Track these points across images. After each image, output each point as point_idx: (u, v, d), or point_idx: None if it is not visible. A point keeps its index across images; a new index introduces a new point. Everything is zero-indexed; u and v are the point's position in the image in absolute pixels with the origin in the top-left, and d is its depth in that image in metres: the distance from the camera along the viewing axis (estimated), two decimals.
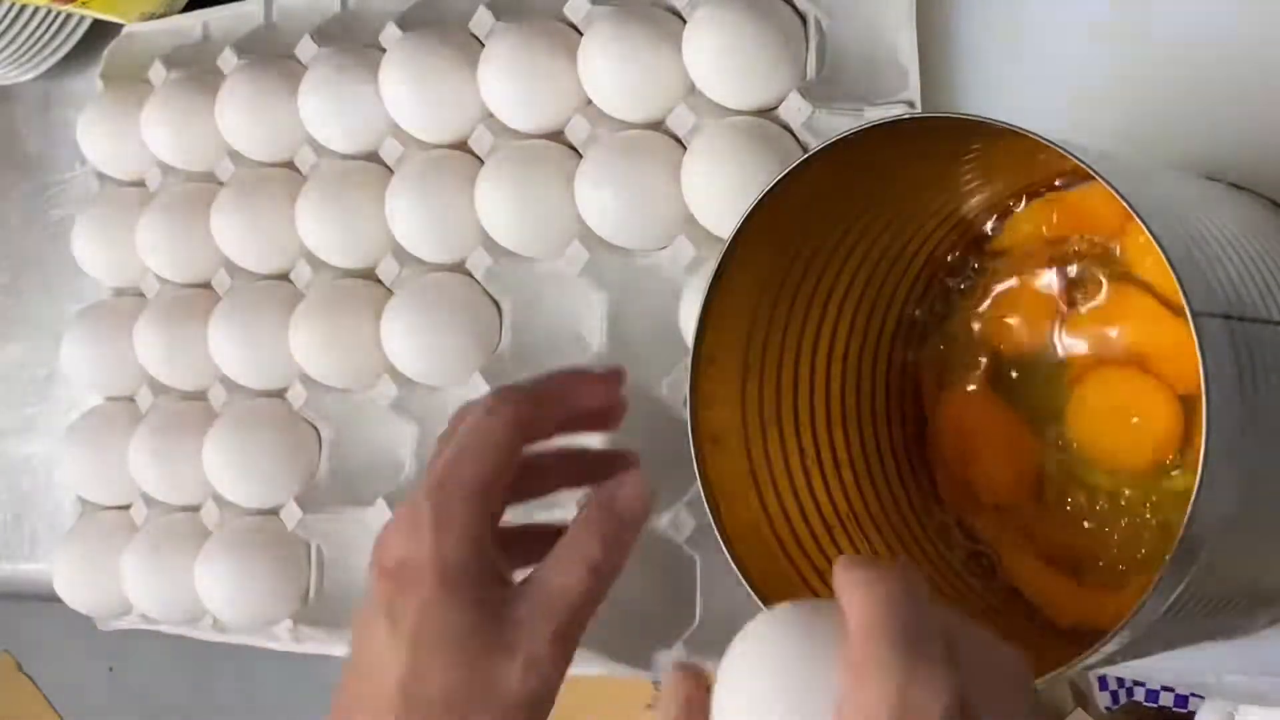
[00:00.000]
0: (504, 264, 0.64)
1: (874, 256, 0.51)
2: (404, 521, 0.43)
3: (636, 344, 0.62)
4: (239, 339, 0.70)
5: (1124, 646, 0.39)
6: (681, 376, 0.47)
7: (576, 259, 0.62)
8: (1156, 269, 0.44)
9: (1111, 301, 0.48)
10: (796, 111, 0.57)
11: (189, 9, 0.79)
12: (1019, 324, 0.50)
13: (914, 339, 0.53)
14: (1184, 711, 0.83)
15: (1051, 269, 0.49)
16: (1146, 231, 0.37)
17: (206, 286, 0.74)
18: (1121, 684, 0.87)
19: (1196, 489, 0.37)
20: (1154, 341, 0.46)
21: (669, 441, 0.56)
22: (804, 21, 0.59)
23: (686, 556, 0.58)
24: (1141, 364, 0.47)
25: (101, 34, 0.82)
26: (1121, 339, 0.47)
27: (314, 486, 0.69)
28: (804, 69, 0.58)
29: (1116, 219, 0.47)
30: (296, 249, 0.70)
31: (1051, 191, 0.50)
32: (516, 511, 0.47)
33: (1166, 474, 0.46)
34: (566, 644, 0.44)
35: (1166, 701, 0.84)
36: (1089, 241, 0.49)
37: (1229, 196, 0.49)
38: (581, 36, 0.62)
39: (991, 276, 0.51)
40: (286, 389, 0.70)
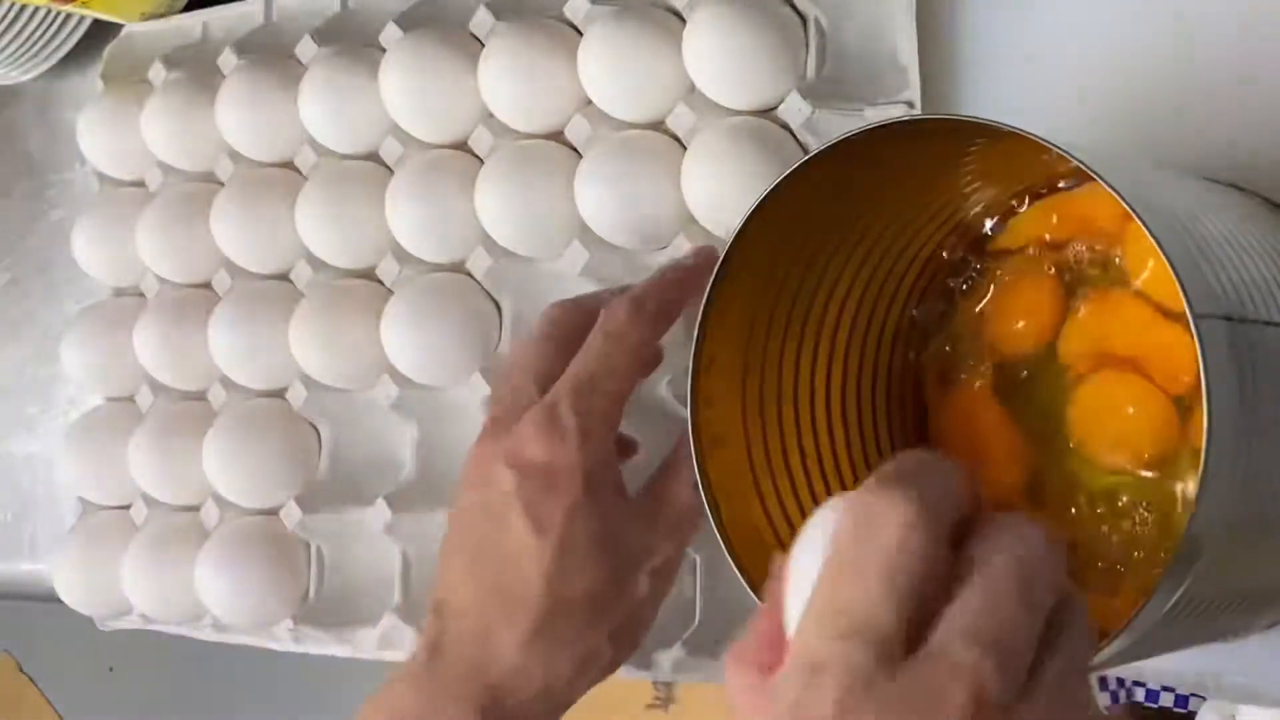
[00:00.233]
0: (504, 264, 0.64)
1: (874, 256, 0.51)
2: (543, 424, 0.45)
3: None
4: (239, 339, 0.70)
5: (1125, 648, 0.39)
6: (681, 376, 0.47)
7: (576, 259, 0.62)
8: (1157, 270, 0.44)
9: (1108, 306, 0.48)
10: (797, 112, 0.57)
11: (189, 9, 0.79)
12: (1019, 325, 0.50)
13: (915, 339, 0.53)
14: (1184, 712, 0.83)
15: (1052, 271, 0.49)
16: (1146, 232, 0.37)
17: (206, 286, 0.74)
18: (1121, 684, 0.87)
19: (1197, 490, 0.37)
20: (1148, 346, 0.46)
21: (669, 441, 0.56)
22: (804, 21, 0.59)
23: (687, 557, 0.58)
24: (1136, 367, 0.47)
25: (101, 34, 0.82)
26: (1117, 343, 0.47)
27: (314, 486, 0.69)
28: (804, 69, 0.58)
29: (1117, 220, 0.47)
30: (296, 249, 0.70)
31: (1052, 192, 0.50)
32: None
33: (1164, 476, 0.46)
34: (682, 555, 0.48)
35: (1167, 702, 0.84)
36: (1089, 244, 0.49)
37: (1229, 197, 0.49)
38: (581, 36, 0.62)
39: (992, 277, 0.51)
40: (286, 389, 0.70)
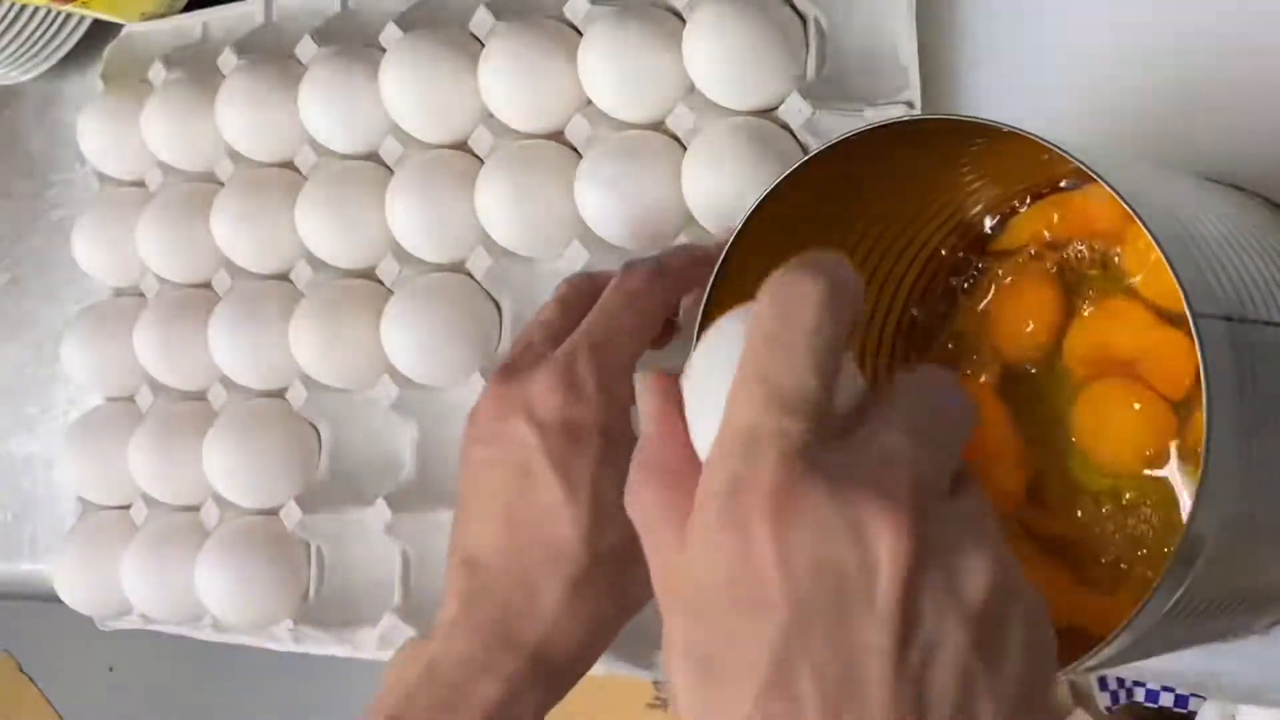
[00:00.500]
0: (504, 264, 0.64)
1: (875, 256, 0.51)
2: (560, 380, 0.44)
3: None
4: (239, 339, 0.70)
5: (1126, 648, 0.39)
6: None
7: (576, 259, 0.62)
8: (1157, 270, 0.44)
9: (1108, 306, 0.48)
10: (796, 112, 0.57)
11: (189, 9, 0.79)
12: (1021, 327, 0.50)
13: (916, 338, 0.53)
14: (1184, 712, 0.83)
15: (1053, 271, 0.49)
16: (1146, 232, 0.37)
17: (206, 286, 0.74)
18: (1121, 684, 0.87)
19: (1197, 489, 0.37)
20: (1147, 347, 0.46)
21: None
22: (804, 21, 0.59)
23: None
24: (1134, 370, 0.47)
25: (101, 34, 0.82)
26: (1117, 344, 0.47)
27: (314, 486, 0.69)
28: (804, 69, 0.58)
29: (1117, 220, 0.47)
30: (296, 249, 0.70)
31: (1053, 193, 0.50)
32: None
33: (1165, 477, 0.46)
34: None
35: (1167, 702, 0.84)
36: (1089, 244, 0.49)
37: (1229, 197, 0.49)
38: (581, 36, 0.62)
39: (993, 277, 0.51)
40: (286, 389, 0.70)
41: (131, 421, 0.74)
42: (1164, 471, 0.46)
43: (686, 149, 0.59)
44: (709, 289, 0.46)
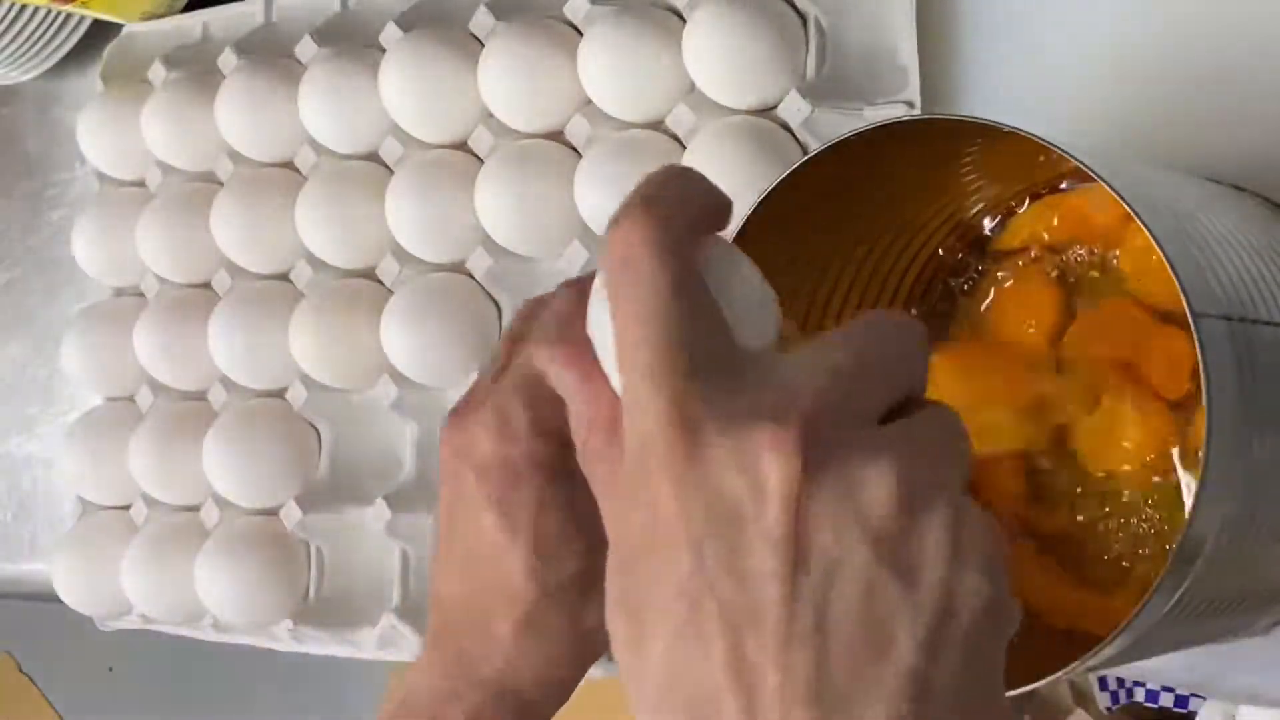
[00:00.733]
0: (504, 264, 0.64)
1: (875, 256, 0.51)
2: (494, 420, 0.44)
3: None
4: (239, 339, 0.70)
5: (1126, 648, 0.39)
6: None
7: (576, 259, 0.62)
8: (1157, 270, 0.44)
9: (1108, 307, 0.48)
10: (796, 111, 0.57)
11: (189, 9, 0.79)
12: (1020, 328, 0.50)
13: None
14: (1184, 712, 0.83)
15: (1054, 273, 0.49)
16: (1147, 232, 0.37)
17: (206, 286, 0.74)
18: (1122, 684, 0.87)
19: (1197, 489, 0.37)
20: (1145, 349, 0.46)
21: None
22: (804, 21, 0.59)
23: None
24: (1133, 371, 0.47)
25: (101, 34, 0.82)
26: (1114, 346, 0.47)
27: (314, 486, 0.69)
28: (804, 69, 0.58)
29: (1117, 220, 0.47)
30: (296, 249, 0.70)
31: (1053, 193, 0.50)
32: None
33: (1165, 477, 0.46)
34: None
35: (1167, 702, 0.84)
36: (1089, 244, 0.49)
37: (1229, 197, 0.49)
38: (581, 36, 0.62)
39: (993, 278, 0.51)
40: (286, 389, 0.70)
41: (131, 421, 0.74)
42: (1160, 474, 0.46)
43: (686, 149, 0.59)
44: None
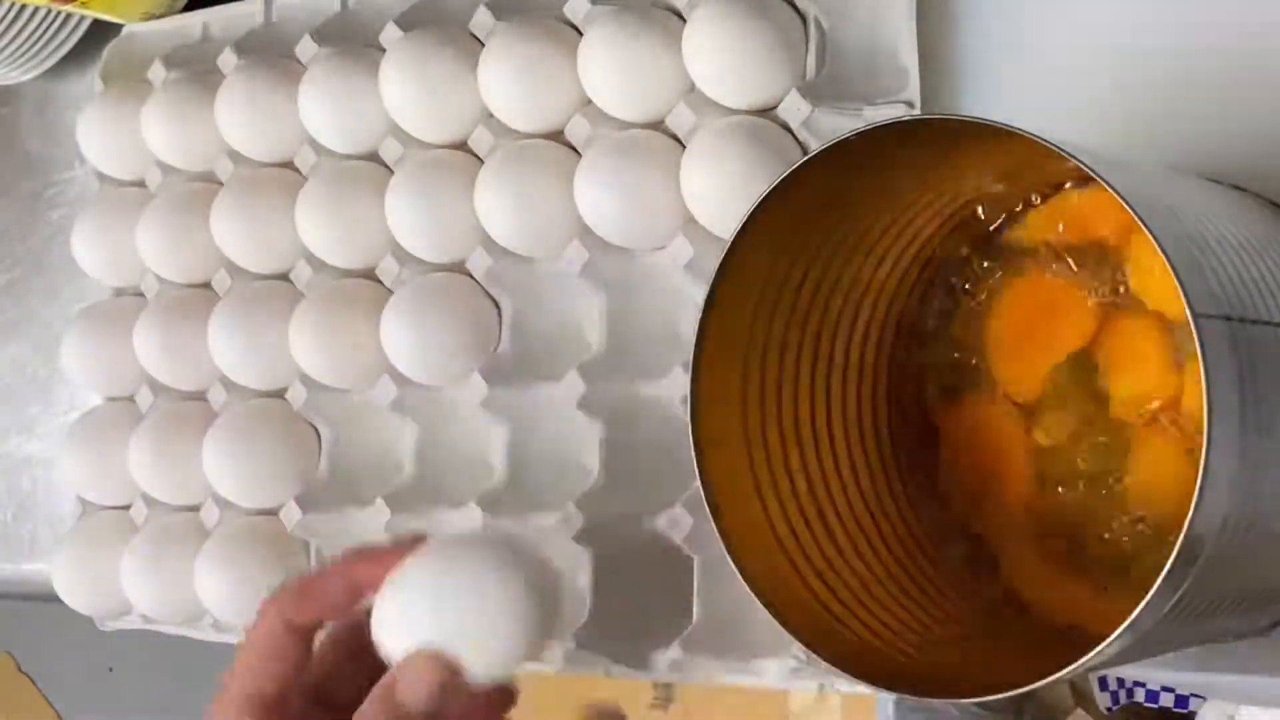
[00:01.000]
0: (504, 264, 0.64)
1: (875, 256, 0.51)
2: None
3: (636, 344, 0.62)
4: (239, 339, 0.70)
5: (1126, 648, 0.39)
6: (681, 377, 0.47)
7: (576, 259, 0.62)
8: (1157, 271, 0.44)
9: (1105, 308, 0.48)
10: (796, 111, 0.57)
11: (189, 9, 0.79)
12: (1020, 328, 0.50)
13: (916, 339, 0.53)
14: (1184, 712, 0.83)
15: (1052, 273, 0.49)
16: (1147, 232, 0.37)
17: (206, 286, 0.74)
18: (1122, 684, 0.87)
19: (1197, 489, 0.37)
20: (1145, 349, 0.47)
21: (669, 439, 0.56)
22: (804, 21, 0.59)
23: (684, 556, 0.58)
24: (1133, 370, 0.47)
25: (101, 34, 0.82)
26: (1114, 346, 0.48)
27: (314, 487, 0.69)
28: (804, 68, 0.58)
29: (1118, 221, 0.47)
30: (296, 249, 0.70)
31: (1054, 193, 0.50)
32: None
33: (1165, 476, 0.46)
34: None
35: (1167, 702, 0.84)
36: (1090, 245, 0.49)
37: (1230, 198, 0.49)
38: (581, 36, 0.62)
39: (994, 279, 0.51)
40: (286, 389, 0.70)
41: (131, 421, 0.74)
42: (1164, 471, 0.46)
43: (686, 148, 0.59)
44: (710, 288, 0.46)
